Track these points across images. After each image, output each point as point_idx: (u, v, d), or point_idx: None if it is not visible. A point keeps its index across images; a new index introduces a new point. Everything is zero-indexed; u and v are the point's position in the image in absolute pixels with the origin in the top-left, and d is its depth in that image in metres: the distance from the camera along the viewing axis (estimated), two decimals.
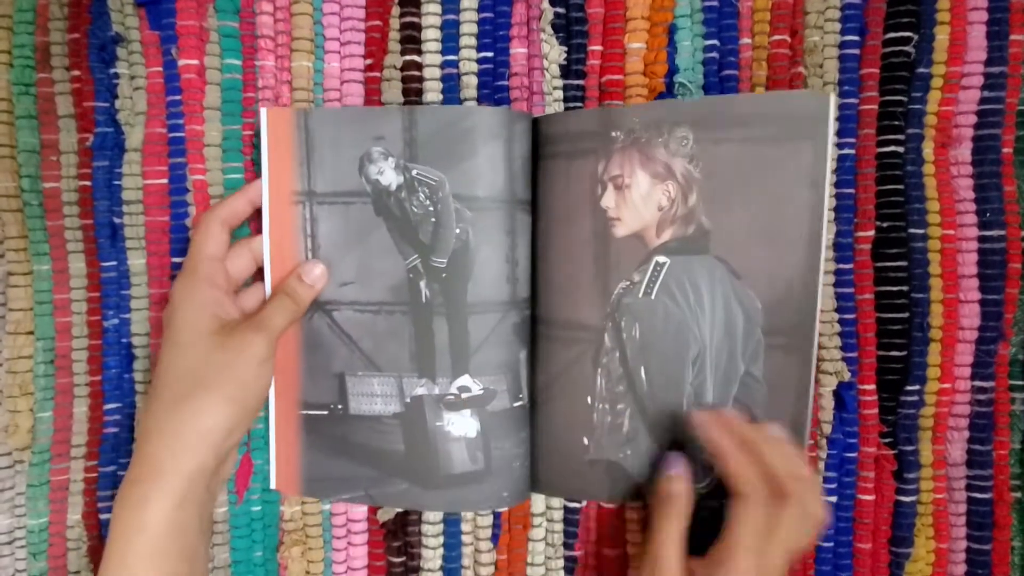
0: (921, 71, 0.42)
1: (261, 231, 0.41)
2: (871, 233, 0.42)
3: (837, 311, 0.42)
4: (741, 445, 0.37)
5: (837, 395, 0.43)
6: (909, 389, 0.43)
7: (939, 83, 0.42)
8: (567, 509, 0.45)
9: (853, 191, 0.42)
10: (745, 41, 0.42)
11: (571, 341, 0.41)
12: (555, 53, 0.42)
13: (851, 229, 0.42)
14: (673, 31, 0.42)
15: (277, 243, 0.41)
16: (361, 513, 0.44)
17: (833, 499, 0.43)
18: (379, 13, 0.42)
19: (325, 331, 0.41)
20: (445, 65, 0.42)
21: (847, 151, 0.42)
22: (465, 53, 0.42)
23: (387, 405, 0.41)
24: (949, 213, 0.42)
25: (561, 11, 0.42)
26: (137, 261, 0.42)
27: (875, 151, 0.42)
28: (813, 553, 0.44)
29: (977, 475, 0.43)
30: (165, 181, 0.42)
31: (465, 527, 0.44)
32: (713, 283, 0.39)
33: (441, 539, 0.44)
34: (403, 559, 0.44)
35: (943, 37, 0.41)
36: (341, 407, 0.42)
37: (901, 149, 0.42)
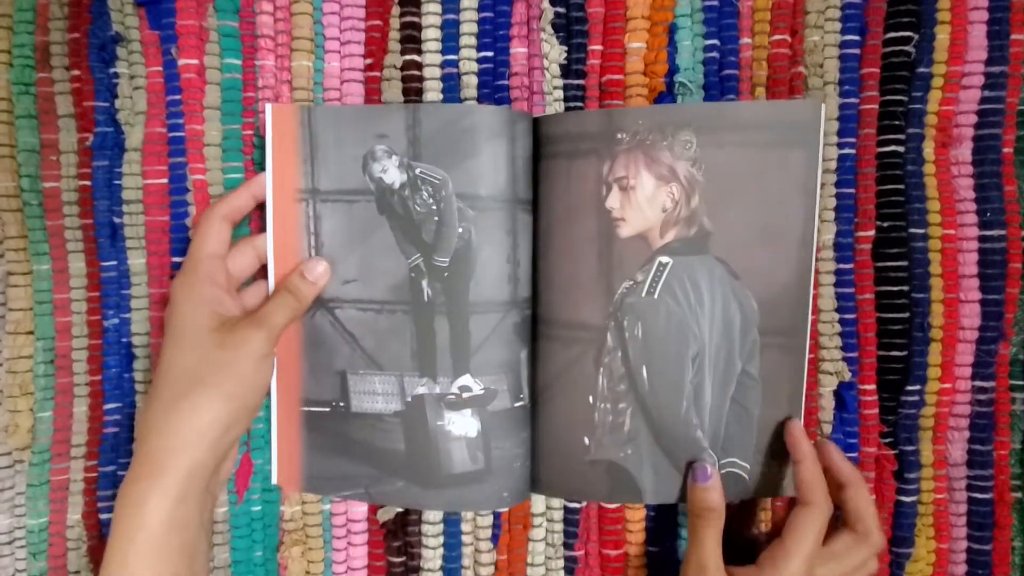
0: (921, 71, 0.42)
1: (262, 229, 0.41)
2: (871, 233, 0.42)
3: (837, 311, 0.42)
4: (817, 461, 0.39)
5: (837, 395, 0.43)
6: (909, 389, 0.43)
7: (939, 83, 0.42)
8: (567, 509, 0.45)
9: (853, 191, 0.42)
10: (745, 41, 0.42)
11: (572, 341, 0.41)
12: (555, 53, 0.42)
13: (851, 229, 0.42)
14: (673, 31, 0.42)
15: (280, 240, 0.41)
16: (361, 513, 0.44)
17: None
18: (379, 13, 0.42)
19: (327, 329, 0.41)
20: (445, 65, 0.42)
21: (847, 151, 0.42)
22: (465, 53, 0.42)
23: (388, 404, 0.41)
24: (949, 213, 0.42)
25: (561, 11, 0.42)
26: (137, 261, 0.42)
27: (875, 151, 0.42)
28: None
29: (978, 475, 0.43)
30: (165, 181, 0.42)
31: (465, 527, 0.44)
32: (713, 283, 0.39)
33: (441, 539, 0.44)
34: (403, 559, 0.44)
35: (943, 37, 0.42)
36: (343, 405, 0.42)
37: (901, 149, 0.42)
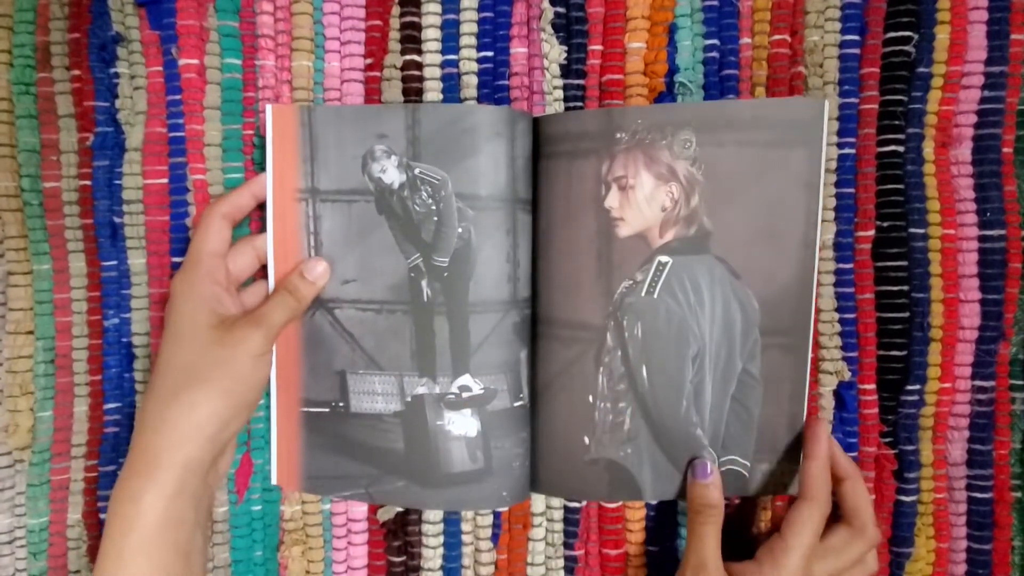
0: (921, 71, 0.42)
1: (262, 229, 0.41)
2: (871, 233, 0.42)
3: (837, 311, 0.42)
4: (828, 461, 0.39)
5: (837, 395, 0.43)
6: (909, 389, 0.43)
7: (939, 83, 0.42)
8: (567, 509, 0.45)
9: (853, 191, 0.42)
10: (745, 41, 0.42)
11: (572, 340, 0.41)
12: (555, 53, 0.42)
13: (851, 229, 0.42)
14: (673, 31, 0.42)
15: (280, 240, 0.41)
16: (361, 513, 0.44)
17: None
18: (379, 13, 0.42)
19: (327, 329, 0.41)
20: (445, 65, 0.42)
21: (847, 151, 0.42)
22: (465, 53, 0.42)
23: (388, 403, 0.41)
24: (949, 213, 0.42)
25: (561, 11, 0.42)
26: (137, 261, 0.42)
27: (875, 151, 0.42)
28: None
29: (977, 475, 0.43)
30: (165, 181, 0.42)
31: (465, 527, 0.44)
32: (713, 282, 0.39)
33: (441, 539, 0.44)
34: (403, 559, 0.44)
35: (943, 37, 0.42)
36: (342, 405, 0.42)
37: (901, 149, 0.42)
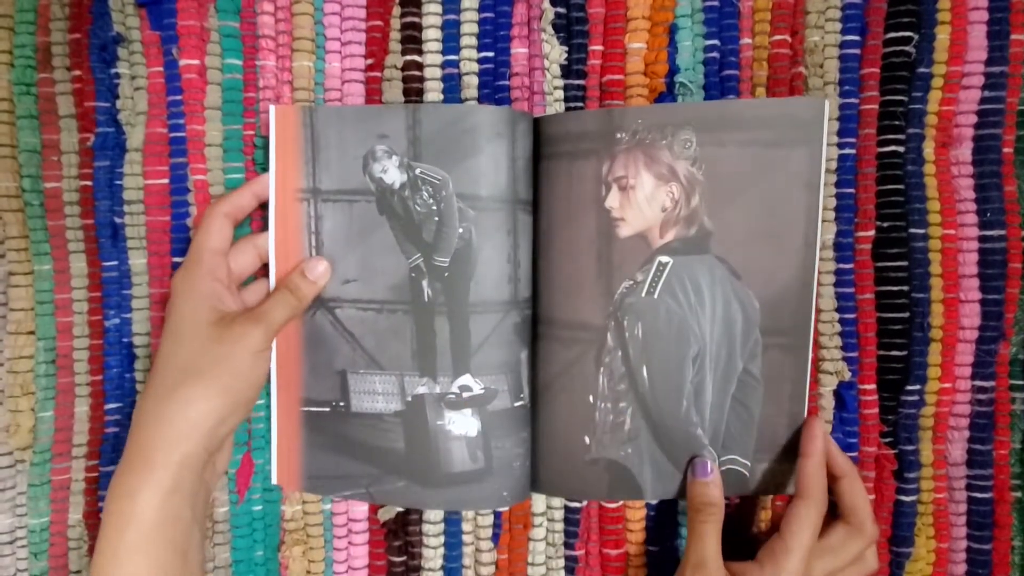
0: (922, 71, 0.42)
1: (263, 228, 0.42)
2: (871, 233, 0.42)
3: (838, 311, 0.42)
4: (824, 459, 0.39)
5: (837, 395, 0.43)
6: (909, 389, 0.43)
7: (939, 83, 0.42)
8: (568, 508, 0.45)
9: (853, 191, 0.42)
10: (746, 41, 0.42)
11: (572, 340, 0.41)
12: (556, 53, 0.42)
13: (851, 229, 0.42)
14: (674, 31, 0.42)
15: (282, 239, 0.41)
16: (362, 512, 0.45)
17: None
18: (380, 13, 0.42)
19: (327, 328, 0.41)
20: (446, 65, 0.42)
21: (847, 151, 0.42)
22: (466, 53, 0.42)
23: (388, 403, 0.41)
24: (950, 213, 0.42)
25: (562, 11, 0.42)
26: (138, 261, 0.42)
27: (876, 151, 0.42)
28: None
29: (977, 475, 0.43)
30: (166, 181, 0.42)
31: (466, 527, 0.44)
32: (713, 283, 0.39)
33: (442, 539, 0.44)
34: (404, 558, 0.44)
35: (944, 37, 0.42)
36: (343, 405, 0.42)
37: (902, 149, 0.42)
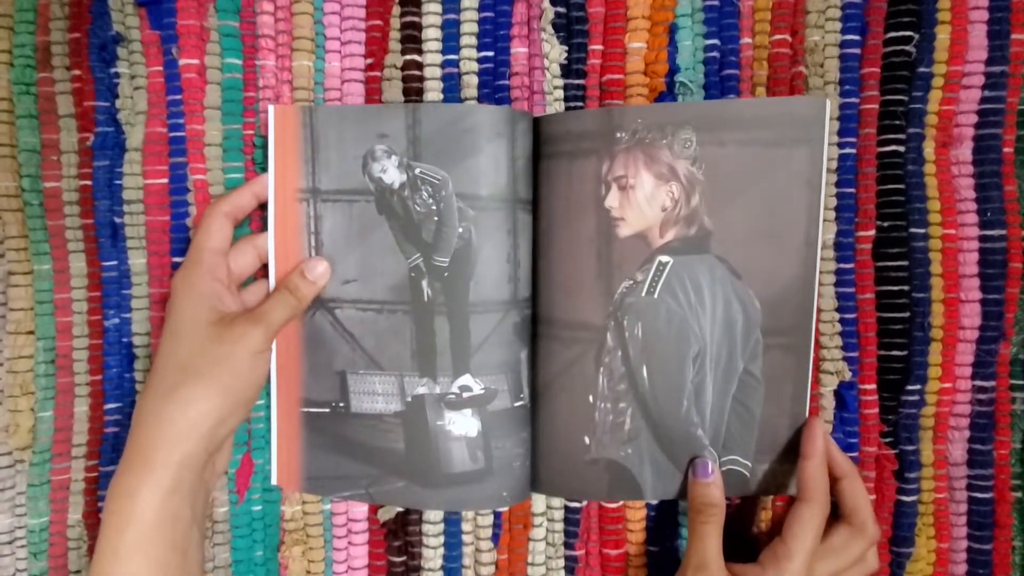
0: (922, 70, 0.42)
1: (263, 228, 0.41)
2: (872, 233, 0.42)
3: (838, 311, 0.42)
4: (825, 460, 0.39)
5: (838, 395, 0.43)
6: (910, 389, 0.43)
7: (940, 82, 0.42)
8: (568, 509, 0.45)
9: (854, 191, 0.42)
10: (746, 41, 0.42)
11: (572, 340, 0.41)
12: (556, 52, 0.42)
13: (852, 229, 0.42)
14: (674, 30, 0.42)
15: (281, 240, 0.41)
16: (362, 513, 0.44)
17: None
18: (380, 12, 0.42)
19: (327, 329, 0.41)
20: (446, 64, 0.42)
21: (848, 151, 0.42)
22: (466, 52, 0.42)
23: (388, 404, 0.41)
24: (950, 212, 0.42)
25: (562, 10, 0.42)
26: (138, 261, 0.42)
27: (876, 151, 0.42)
28: None
29: (978, 475, 0.43)
30: (166, 181, 0.42)
31: (466, 527, 0.44)
32: (714, 282, 0.39)
33: (442, 539, 0.44)
34: (404, 559, 0.44)
35: (944, 36, 0.41)
36: (342, 405, 0.42)
37: (902, 148, 0.42)
